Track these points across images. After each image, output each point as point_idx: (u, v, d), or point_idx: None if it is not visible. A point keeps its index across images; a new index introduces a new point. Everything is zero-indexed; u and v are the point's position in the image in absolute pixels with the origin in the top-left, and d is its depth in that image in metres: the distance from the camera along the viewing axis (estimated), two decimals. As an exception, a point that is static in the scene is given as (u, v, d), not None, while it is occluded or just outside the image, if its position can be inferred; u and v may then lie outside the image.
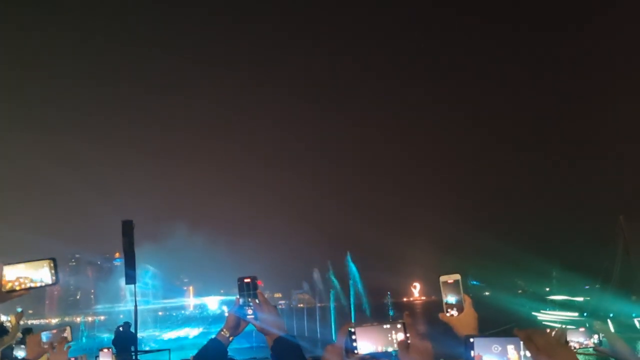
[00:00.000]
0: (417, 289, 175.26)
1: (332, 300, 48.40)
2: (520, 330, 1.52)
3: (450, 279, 2.22)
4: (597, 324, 3.31)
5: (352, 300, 46.44)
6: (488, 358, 1.62)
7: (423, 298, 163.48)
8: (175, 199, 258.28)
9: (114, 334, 15.52)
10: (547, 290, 60.26)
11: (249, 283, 2.25)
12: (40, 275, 1.93)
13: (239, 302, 2.26)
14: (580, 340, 3.26)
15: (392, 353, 1.88)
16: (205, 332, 49.50)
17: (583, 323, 3.38)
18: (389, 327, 1.89)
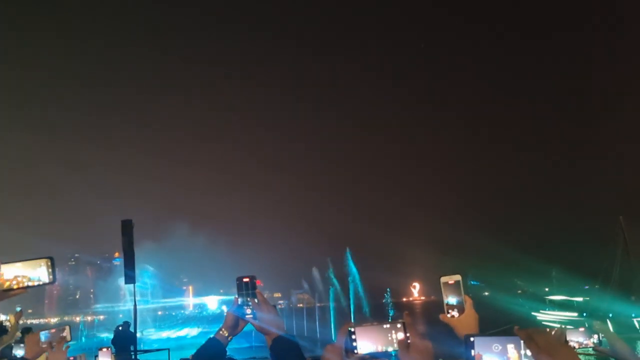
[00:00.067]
0: (416, 289, 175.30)
1: (331, 300, 48.32)
2: (521, 330, 1.52)
3: (451, 280, 2.20)
4: (596, 324, 3.30)
5: (351, 300, 46.35)
6: (488, 357, 1.62)
7: (422, 298, 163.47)
8: (175, 199, 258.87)
9: (113, 334, 15.51)
10: (546, 291, 60.21)
11: (248, 282, 2.24)
12: (38, 274, 1.92)
13: (238, 301, 2.25)
14: (580, 340, 3.25)
15: (391, 353, 1.88)
16: (205, 331, 49.45)
17: (582, 323, 3.38)
18: (389, 326, 1.88)
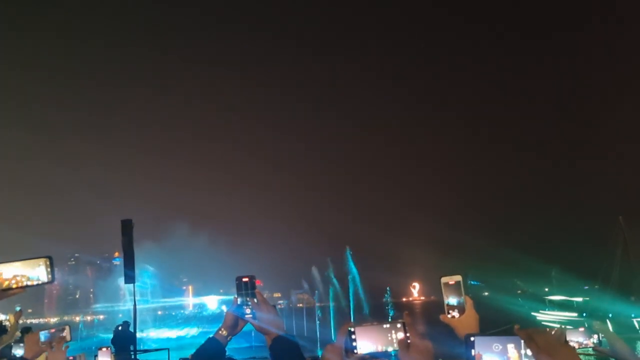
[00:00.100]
0: (416, 289, 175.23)
1: (331, 299, 48.28)
2: (521, 330, 1.52)
3: (452, 280, 2.18)
4: (596, 324, 3.30)
5: (351, 299, 46.30)
6: (488, 357, 1.62)
7: (422, 298, 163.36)
8: (175, 199, 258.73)
9: (113, 333, 15.51)
10: (546, 291, 60.21)
11: (247, 282, 2.23)
12: (37, 274, 1.92)
13: (237, 301, 2.24)
14: (580, 340, 3.24)
15: (391, 353, 1.87)
16: (204, 331, 49.44)
17: (582, 323, 3.37)
18: (389, 326, 1.88)
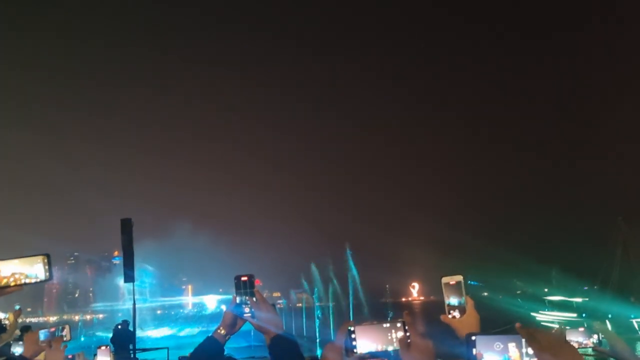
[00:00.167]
0: (415, 289, 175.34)
1: (330, 299, 48.30)
2: (523, 328, 1.51)
3: (453, 280, 2.17)
4: (596, 324, 3.29)
5: (350, 299, 46.34)
6: (489, 356, 1.62)
7: (422, 298, 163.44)
8: (175, 199, 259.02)
9: (112, 332, 15.53)
10: (545, 291, 60.25)
11: (246, 281, 2.23)
12: (35, 271, 1.91)
13: (236, 300, 2.24)
14: (580, 340, 3.24)
15: (391, 352, 1.87)
16: (204, 330, 49.46)
17: (582, 323, 3.37)
18: (389, 326, 1.88)
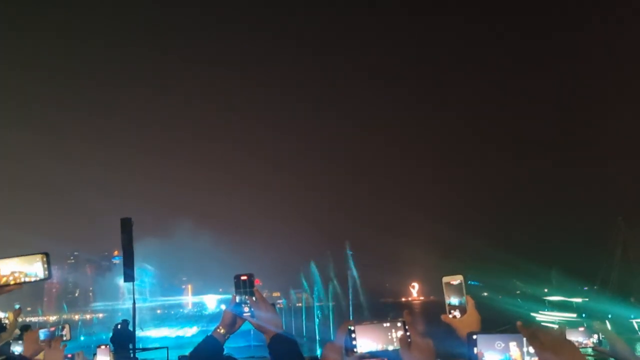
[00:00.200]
0: (415, 289, 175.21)
1: (330, 298, 48.32)
2: (524, 327, 1.51)
3: (453, 280, 2.18)
4: (596, 324, 3.29)
5: (350, 298, 46.36)
6: (490, 355, 1.62)
7: (421, 298, 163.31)
8: (175, 199, 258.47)
9: (112, 332, 15.55)
10: (545, 292, 60.32)
11: (246, 280, 2.23)
12: (34, 270, 1.91)
13: (236, 299, 2.24)
14: (580, 340, 3.23)
15: (391, 352, 1.86)
16: (204, 330, 49.47)
17: (581, 324, 3.36)
18: (389, 325, 1.87)
